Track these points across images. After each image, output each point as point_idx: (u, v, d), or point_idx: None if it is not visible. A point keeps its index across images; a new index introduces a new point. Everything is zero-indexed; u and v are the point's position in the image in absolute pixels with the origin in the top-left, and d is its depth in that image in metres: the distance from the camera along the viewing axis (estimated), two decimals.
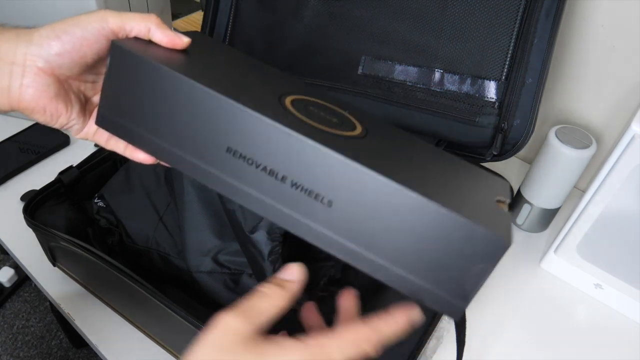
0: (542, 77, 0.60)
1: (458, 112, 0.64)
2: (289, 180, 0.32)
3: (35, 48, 0.35)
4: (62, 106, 0.37)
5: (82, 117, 0.40)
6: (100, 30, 0.36)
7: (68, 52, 0.36)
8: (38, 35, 0.36)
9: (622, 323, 0.64)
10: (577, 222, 0.61)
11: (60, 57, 0.36)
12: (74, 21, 0.36)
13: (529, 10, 0.58)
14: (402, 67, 0.66)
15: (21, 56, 0.35)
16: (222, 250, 0.56)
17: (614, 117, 0.74)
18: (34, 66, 0.35)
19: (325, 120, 0.35)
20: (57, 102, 0.37)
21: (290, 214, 0.32)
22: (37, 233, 0.58)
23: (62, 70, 0.36)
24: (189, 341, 0.51)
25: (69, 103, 0.38)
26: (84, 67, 0.38)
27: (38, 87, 0.36)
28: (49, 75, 0.36)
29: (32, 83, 0.36)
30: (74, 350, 1.24)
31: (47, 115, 0.37)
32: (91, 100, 0.41)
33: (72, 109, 0.38)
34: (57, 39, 0.35)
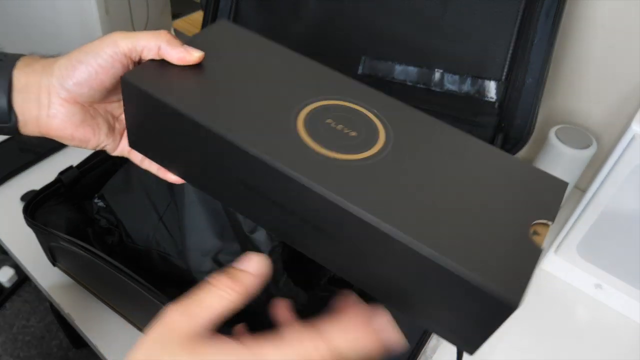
0: (542, 77, 0.60)
1: (458, 112, 0.64)
2: (297, 215, 0.32)
3: (56, 80, 0.37)
4: (89, 131, 0.40)
5: (112, 136, 0.42)
6: (113, 55, 0.37)
7: (86, 80, 0.37)
8: (57, 67, 0.37)
9: (622, 323, 0.64)
10: (577, 222, 0.61)
11: (79, 87, 0.37)
12: (87, 49, 0.37)
13: (529, 10, 0.58)
14: (402, 67, 0.66)
15: (45, 88, 0.37)
16: (222, 251, 0.56)
17: (614, 117, 0.74)
18: (57, 97, 0.37)
19: (340, 139, 0.33)
20: (84, 127, 0.39)
21: (299, 240, 0.33)
22: (37, 233, 0.58)
23: (84, 98, 0.38)
24: None
25: (95, 127, 0.40)
26: (105, 92, 0.39)
27: (63, 117, 0.38)
28: (73, 104, 0.38)
29: (57, 113, 0.38)
30: (74, 350, 1.24)
31: (76, 141, 0.40)
32: (119, 118, 0.42)
33: (99, 132, 0.40)
34: (74, 69, 0.37)
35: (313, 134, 0.33)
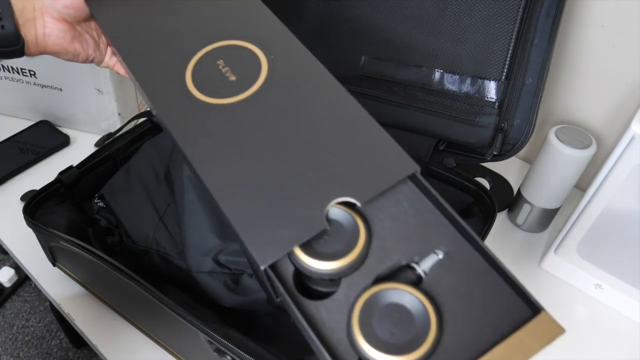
0: (542, 77, 0.60)
1: (458, 112, 0.64)
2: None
3: (47, 2, 0.43)
4: (79, 46, 0.46)
5: (98, 50, 0.49)
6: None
7: (71, 3, 0.44)
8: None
9: (622, 323, 0.64)
10: (577, 222, 0.61)
11: (67, 9, 0.44)
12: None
13: (529, 10, 0.58)
14: (402, 67, 0.66)
15: (39, 9, 0.43)
16: (223, 250, 0.56)
17: (614, 117, 0.74)
18: (50, 17, 0.44)
19: (220, 81, 0.39)
20: (74, 43, 0.46)
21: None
22: (37, 233, 0.58)
23: (72, 18, 0.45)
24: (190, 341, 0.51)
25: (84, 42, 0.47)
26: (88, 13, 0.46)
27: (57, 34, 0.44)
28: (63, 22, 0.45)
29: (52, 31, 0.44)
30: (74, 350, 1.24)
31: (70, 55, 0.47)
32: (102, 36, 0.49)
33: (88, 46, 0.47)
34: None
35: (199, 78, 0.39)
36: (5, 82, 0.80)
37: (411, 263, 0.33)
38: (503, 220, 0.75)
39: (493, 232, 0.60)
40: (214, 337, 0.45)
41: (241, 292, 0.56)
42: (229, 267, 0.56)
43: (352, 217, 0.33)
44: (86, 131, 0.84)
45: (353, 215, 0.33)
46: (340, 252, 0.32)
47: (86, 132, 0.84)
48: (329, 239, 0.33)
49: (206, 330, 0.45)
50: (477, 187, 0.63)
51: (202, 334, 0.45)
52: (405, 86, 0.66)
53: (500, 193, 0.77)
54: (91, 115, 0.81)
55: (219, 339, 0.44)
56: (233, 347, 0.44)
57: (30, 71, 0.77)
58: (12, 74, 0.79)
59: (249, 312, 0.58)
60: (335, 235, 0.33)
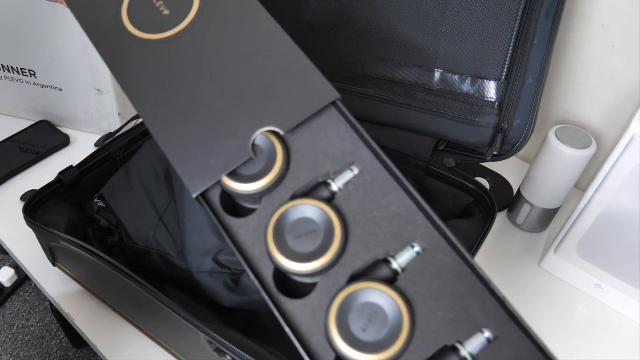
0: (542, 77, 0.60)
1: (458, 112, 0.64)
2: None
3: None
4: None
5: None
6: None
7: None
8: None
9: (622, 323, 0.64)
10: (577, 222, 0.61)
11: None
12: None
13: (529, 10, 0.58)
14: (402, 67, 0.66)
15: None
16: (223, 250, 0.56)
17: (614, 117, 0.74)
18: None
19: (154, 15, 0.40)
20: None
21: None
22: (37, 233, 0.58)
23: None
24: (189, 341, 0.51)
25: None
26: None
27: None
28: None
29: None
30: (74, 350, 1.24)
31: None
32: None
33: None
34: None
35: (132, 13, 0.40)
36: (5, 82, 0.80)
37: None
38: (503, 220, 0.75)
39: (493, 232, 0.60)
40: (214, 337, 0.45)
41: (241, 292, 0.56)
42: (229, 267, 0.56)
43: (272, 142, 0.36)
44: (86, 131, 0.84)
45: (273, 140, 0.36)
46: (259, 174, 0.36)
47: (86, 132, 0.84)
48: (252, 162, 0.36)
49: (206, 330, 0.45)
50: (477, 187, 0.63)
51: (202, 334, 0.45)
52: (405, 86, 0.66)
53: (500, 193, 0.77)
54: (91, 115, 0.81)
55: (219, 339, 0.44)
56: (233, 347, 0.44)
57: (30, 71, 0.78)
58: (12, 73, 0.79)
59: (249, 312, 0.58)
60: (258, 159, 0.36)
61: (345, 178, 0.36)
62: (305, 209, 0.35)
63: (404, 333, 0.31)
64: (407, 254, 0.34)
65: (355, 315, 0.32)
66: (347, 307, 0.32)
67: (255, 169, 0.36)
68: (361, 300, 0.32)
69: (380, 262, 0.34)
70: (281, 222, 0.35)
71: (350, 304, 0.32)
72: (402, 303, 0.32)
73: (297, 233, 0.34)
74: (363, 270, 0.34)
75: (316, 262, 0.33)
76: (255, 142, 0.36)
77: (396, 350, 0.31)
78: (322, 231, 0.34)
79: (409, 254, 0.34)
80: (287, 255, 0.34)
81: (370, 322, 0.32)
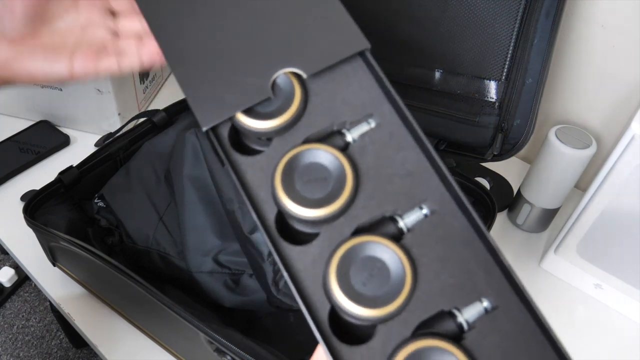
0: (542, 77, 0.60)
1: (458, 112, 0.64)
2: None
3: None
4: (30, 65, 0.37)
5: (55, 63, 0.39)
6: None
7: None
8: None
9: (622, 323, 0.64)
10: (577, 222, 0.61)
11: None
12: None
13: (529, 10, 0.58)
14: (402, 67, 0.66)
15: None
16: (223, 251, 0.56)
17: (614, 117, 0.74)
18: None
19: None
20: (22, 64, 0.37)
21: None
22: (37, 233, 0.58)
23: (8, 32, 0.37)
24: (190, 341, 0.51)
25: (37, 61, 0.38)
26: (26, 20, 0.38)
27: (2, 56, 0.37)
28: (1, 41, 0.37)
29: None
30: (74, 350, 1.24)
31: (18, 79, 0.37)
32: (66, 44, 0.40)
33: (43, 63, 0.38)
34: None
35: None
36: None
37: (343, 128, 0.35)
38: (503, 220, 0.75)
39: (493, 232, 0.60)
40: (214, 337, 0.45)
41: (241, 292, 0.56)
42: (229, 267, 0.56)
43: (292, 83, 0.35)
44: (86, 131, 0.84)
45: (293, 81, 0.35)
46: (274, 112, 0.34)
47: (86, 132, 0.84)
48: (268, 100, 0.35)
49: (206, 330, 0.45)
50: (477, 187, 0.63)
51: (202, 334, 0.45)
52: (405, 86, 0.66)
53: (500, 193, 0.77)
54: (91, 115, 0.81)
55: (219, 339, 0.44)
56: (233, 347, 0.44)
57: None
58: None
59: (249, 312, 0.58)
60: (274, 98, 0.35)
61: (361, 129, 0.35)
62: (318, 154, 0.34)
63: (405, 291, 0.31)
64: (415, 214, 0.33)
65: (357, 268, 0.31)
66: (349, 258, 0.32)
67: (270, 107, 0.35)
68: (364, 253, 0.32)
69: (386, 219, 0.33)
70: (291, 164, 0.33)
71: (353, 256, 0.32)
72: (406, 261, 0.31)
73: (307, 178, 0.33)
74: (368, 225, 0.33)
75: (323, 209, 0.32)
76: (275, 81, 0.35)
77: (394, 307, 0.30)
78: (332, 179, 0.33)
79: (417, 214, 0.33)
80: (294, 199, 0.32)
81: (371, 277, 0.31)
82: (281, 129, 0.34)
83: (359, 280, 0.31)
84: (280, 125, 0.34)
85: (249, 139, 0.36)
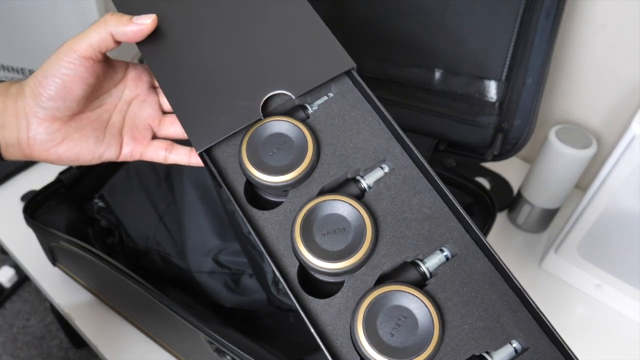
0: (542, 77, 0.60)
1: (458, 112, 0.64)
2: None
3: (30, 99, 0.36)
4: (75, 145, 0.38)
5: (105, 143, 0.40)
6: (74, 61, 0.36)
7: (56, 93, 0.36)
8: (27, 86, 0.37)
9: (622, 323, 0.64)
10: (577, 222, 0.61)
11: (53, 101, 0.36)
12: (48, 63, 0.37)
13: (529, 10, 0.58)
14: (402, 67, 0.66)
15: (22, 110, 0.37)
16: (223, 251, 0.56)
17: (614, 117, 0.74)
18: (35, 117, 0.37)
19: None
20: (68, 144, 0.38)
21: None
22: (37, 233, 0.58)
23: (62, 112, 0.37)
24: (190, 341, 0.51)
25: (83, 140, 0.39)
26: (81, 100, 0.38)
27: (43, 137, 0.37)
28: (51, 121, 0.37)
29: (37, 134, 0.37)
30: (74, 350, 1.24)
31: (64, 160, 0.39)
32: (111, 122, 0.41)
33: (87, 143, 0.39)
34: (41, 85, 0.36)
35: None
36: None
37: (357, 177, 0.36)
38: (503, 220, 0.75)
39: (493, 232, 0.60)
40: (214, 337, 0.45)
41: (241, 292, 0.56)
42: (229, 267, 0.56)
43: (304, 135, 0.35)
44: None
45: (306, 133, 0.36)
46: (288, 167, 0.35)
47: None
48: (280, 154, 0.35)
49: (206, 330, 0.45)
50: (477, 187, 0.63)
51: (202, 334, 0.45)
52: (405, 86, 0.66)
53: (500, 193, 0.77)
54: None
55: (219, 339, 0.44)
56: (233, 347, 0.44)
57: (30, 71, 0.78)
58: (12, 73, 0.79)
59: (249, 312, 0.58)
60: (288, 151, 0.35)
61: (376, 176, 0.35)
62: (335, 205, 0.33)
63: (434, 340, 0.30)
64: (437, 257, 0.33)
65: (384, 318, 0.31)
66: (375, 309, 0.31)
67: (284, 160, 0.35)
68: (390, 303, 0.31)
69: (408, 265, 0.33)
70: (309, 216, 0.33)
71: (379, 306, 0.31)
72: (432, 308, 0.31)
73: (326, 229, 0.33)
74: (391, 272, 0.33)
75: (345, 262, 0.32)
76: (287, 134, 0.35)
77: (424, 357, 0.30)
78: (351, 229, 0.33)
79: (438, 257, 0.33)
80: (315, 253, 0.32)
81: (398, 327, 0.31)
82: (296, 182, 0.34)
83: (387, 331, 0.31)
84: (294, 178, 0.34)
85: (265, 192, 0.36)
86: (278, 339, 0.55)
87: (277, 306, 0.55)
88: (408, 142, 0.35)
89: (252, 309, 0.57)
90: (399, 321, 0.31)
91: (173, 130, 0.42)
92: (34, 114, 0.37)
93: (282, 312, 0.56)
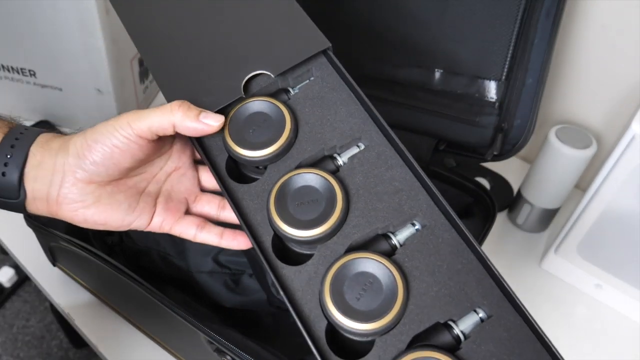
0: (542, 77, 0.60)
1: (458, 112, 0.64)
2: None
3: (72, 159, 0.36)
4: (105, 210, 0.37)
5: (136, 212, 0.39)
6: (128, 137, 0.36)
7: (102, 160, 0.36)
8: (73, 145, 0.36)
9: (622, 323, 0.64)
10: (577, 222, 0.61)
11: (96, 166, 0.36)
12: (102, 129, 0.36)
13: (529, 10, 0.58)
14: (402, 68, 0.66)
15: (60, 167, 0.36)
16: (223, 251, 0.56)
17: (614, 117, 0.74)
18: (72, 176, 0.36)
19: None
20: (98, 207, 0.37)
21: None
22: (37, 233, 0.58)
23: (101, 177, 0.37)
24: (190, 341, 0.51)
25: (114, 205, 0.37)
26: (123, 170, 0.37)
27: (75, 197, 0.36)
28: (87, 184, 0.36)
29: (68, 193, 0.36)
30: (74, 350, 1.24)
31: (90, 224, 0.37)
32: (146, 191, 0.40)
33: (118, 209, 0.38)
34: (90, 148, 0.36)
35: None
36: (5, 82, 0.80)
37: (334, 154, 0.38)
38: (503, 220, 0.75)
39: (493, 232, 0.60)
40: (214, 337, 0.45)
41: (241, 292, 0.56)
42: (229, 267, 0.56)
43: (283, 114, 0.38)
44: None
45: (284, 112, 0.38)
46: (267, 142, 0.37)
47: None
48: (260, 131, 0.37)
49: (206, 330, 0.45)
50: (477, 187, 0.63)
51: (202, 334, 0.45)
52: (405, 86, 0.66)
53: (500, 193, 0.77)
54: (91, 115, 0.81)
55: (219, 339, 0.44)
56: (233, 347, 0.44)
57: (30, 71, 0.77)
58: (12, 73, 0.79)
59: (249, 312, 0.58)
60: (266, 128, 0.38)
61: (351, 152, 0.37)
62: (308, 177, 0.35)
63: (398, 304, 0.31)
64: (407, 230, 0.34)
65: (350, 284, 0.32)
66: (342, 275, 0.32)
67: (263, 137, 0.37)
68: (357, 269, 0.33)
69: (379, 236, 0.34)
70: (284, 188, 0.35)
71: (346, 273, 0.32)
72: (397, 274, 0.32)
73: (299, 201, 0.35)
74: (362, 243, 0.34)
75: (315, 230, 0.33)
76: (267, 112, 0.37)
77: (388, 320, 0.31)
78: (323, 200, 0.35)
79: (409, 230, 0.34)
80: (287, 221, 0.34)
81: (364, 292, 0.32)
82: (274, 157, 0.36)
83: (353, 296, 0.32)
84: (272, 153, 0.36)
85: (246, 168, 0.38)
86: (278, 339, 0.55)
87: (277, 306, 0.55)
88: (383, 122, 0.37)
89: (252, 309, 0.57)
90: (364, 286, 0.32)
91: (208, 208, 0.41)
92: (72, 172, 0.36)
93: (282, 312, 0.56)
